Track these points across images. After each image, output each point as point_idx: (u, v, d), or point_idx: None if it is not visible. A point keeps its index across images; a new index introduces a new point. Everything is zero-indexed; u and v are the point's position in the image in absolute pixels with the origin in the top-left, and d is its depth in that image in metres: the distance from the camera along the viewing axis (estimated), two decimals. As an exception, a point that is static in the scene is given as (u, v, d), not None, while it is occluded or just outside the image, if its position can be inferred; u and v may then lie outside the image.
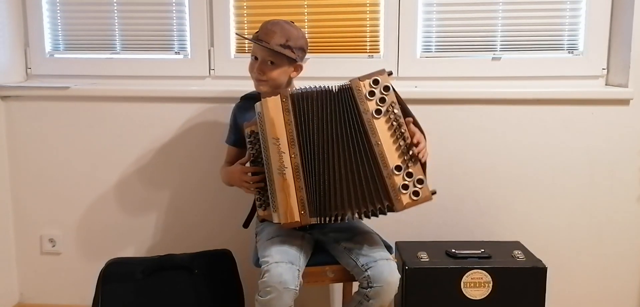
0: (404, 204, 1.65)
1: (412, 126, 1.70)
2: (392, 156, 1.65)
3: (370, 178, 1.66)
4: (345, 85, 1.69)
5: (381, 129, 1.66)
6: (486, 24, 2.28)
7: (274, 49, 1.79)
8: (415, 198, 1.65)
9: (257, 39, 1.82)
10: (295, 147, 1.68)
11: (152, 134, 2.32)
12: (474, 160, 2.27)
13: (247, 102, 1.98)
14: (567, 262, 2.31)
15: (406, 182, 1.65)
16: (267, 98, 1.70)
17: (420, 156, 1.66)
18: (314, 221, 1.70)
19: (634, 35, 2.14)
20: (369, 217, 1.68)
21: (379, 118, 1.66)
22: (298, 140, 1.68)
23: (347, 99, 1.68)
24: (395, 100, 1.66)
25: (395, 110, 1.65)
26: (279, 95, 1.70)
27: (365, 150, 1.66)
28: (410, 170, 1.65)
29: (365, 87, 1.67)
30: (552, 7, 2.25)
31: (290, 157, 1.68)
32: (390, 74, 1.69)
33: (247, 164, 1.83)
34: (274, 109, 1.69)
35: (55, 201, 2.39)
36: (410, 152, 1.65)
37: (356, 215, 1.68)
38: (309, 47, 1.94)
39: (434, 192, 1.67)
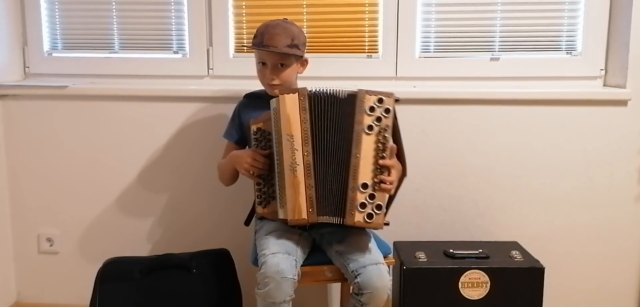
0: (355, 221, 1.68)
1: (394, 158, 1.73)
2: (364, 173, 1.67)
3: (338, 185, 1.69)
4: (352, 92, 1.70)
5: (366, 145, 1.67)
6: (485, 25, 2.28)
7: (283, 52, 1.82)
8: (368, 221, 1.68)
9: (264, 45, 1.84)
10: (308, 146, 1.69)
11: (150, 133, 2.32)
12: (472, 160, 2.27)
13: (252, 100, 1.99)
14: (565, 262, 2.31)
15: (365, 202, 1.67)
16: (285, 95, 1.70)
17: (383, 186, 1.67)
18: (320, 219, 1.72)
19: (632, 36, 2.14)
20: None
21: (369, 134, 1.67)
22: (312, 139, 1.70)
23: (349, 105, 1.69)
24: (390, 125, 1.68)
25: (386, 135, 1.67)
26: (297, 93, 1.70)
27: (345, 159, 1.69)
28: (374, 193, 1.67)
29: (369, 101, 1.67)
30: (550, 7, 2.26)
31: (303, 155, 1.69)
32: (397, 100, 1.70)
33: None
34: (291, 106, 1.70)
35: (53, 200, 2.39)
36: (380, 178, 1.67)
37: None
38: (307, 46, 1.96)
39: (387, 223, 1.71)
